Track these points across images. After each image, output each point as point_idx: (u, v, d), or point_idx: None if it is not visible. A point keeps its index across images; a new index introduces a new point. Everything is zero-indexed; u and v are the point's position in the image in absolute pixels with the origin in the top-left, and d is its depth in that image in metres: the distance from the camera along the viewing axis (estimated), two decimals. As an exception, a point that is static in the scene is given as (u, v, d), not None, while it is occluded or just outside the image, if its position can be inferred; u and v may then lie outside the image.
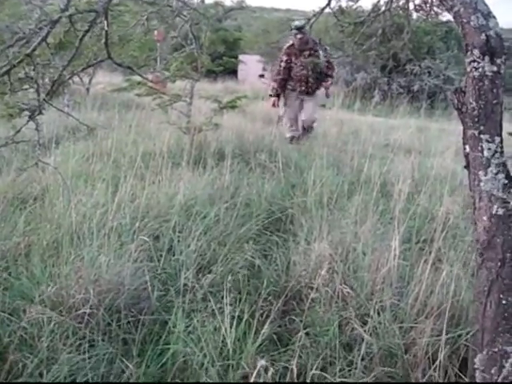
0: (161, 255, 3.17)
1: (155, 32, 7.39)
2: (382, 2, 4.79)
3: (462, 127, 2.41)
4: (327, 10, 4.04)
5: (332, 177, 4.90)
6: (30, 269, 2.87)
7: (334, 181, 4.82)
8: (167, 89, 11.75)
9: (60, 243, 3.06)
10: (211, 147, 5.55)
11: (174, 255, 3.19)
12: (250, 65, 17.70)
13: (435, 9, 3.94)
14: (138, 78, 5.76)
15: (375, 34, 4.87)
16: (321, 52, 7.39)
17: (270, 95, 7.72)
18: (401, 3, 4.40)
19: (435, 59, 15.05)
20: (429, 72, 15.15)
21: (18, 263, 2.92)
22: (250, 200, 4.19)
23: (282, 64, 7.43)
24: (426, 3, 3.69)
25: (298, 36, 7.21)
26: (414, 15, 4.65)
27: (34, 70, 2.17)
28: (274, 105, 7.68)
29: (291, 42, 7.44)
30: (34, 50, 2.11)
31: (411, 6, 4.50)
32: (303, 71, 7.40)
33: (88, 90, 9.75)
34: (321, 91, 7.78)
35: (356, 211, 3.83)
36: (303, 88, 7.48)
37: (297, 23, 7.14)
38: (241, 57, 16.40)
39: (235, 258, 3.21)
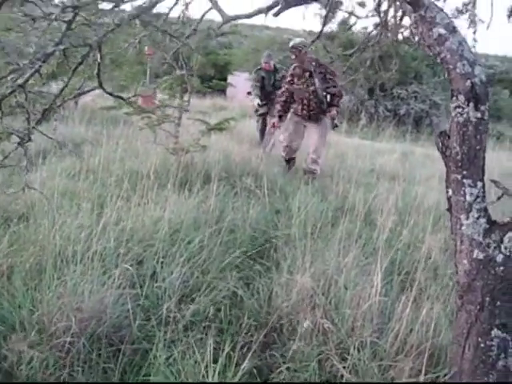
0: (144, 281, 3.18)
1: (145, 47, 7.47)
2: (372, 32, 4.88)
3: None
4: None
5: (317, 203, 4.92)
6: (11, 291, 2.86)
7: (318, 207, 4.84)
8: (154, 104, 11.79)
9: (43, 266, 3.06)
10: (197, 169, 5.57)
11: (156, 281, 3.19)
12: (239, 82, 17.78)
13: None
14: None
15: (364, 62, 4.95)
16: (316, 80, 6.85)
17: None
18: (390, 35, 4.49)
19: (422, 84, 15.25)
20: (415, 97, 15.35)
21: (0, 285, 2.90)
22: (235, 226, 4.21)
23: (285, 85, 7.22)
24: (414, 35, 3.69)
25: (292, 56, 6.97)
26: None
27: (26, 99, 2.18)
28: (273, 126, 7.45)
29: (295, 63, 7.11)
30: (26, 81, 2.12)
31: (400, 36, 4.59)
32: (304, 93, 6.95)
33: (76, 103, 9.72)
34: (328, 120, 7.12)
35: (340, 241, 3.86)
36: (304, 112, 7.04)
37: (291, 42, 6.94)
38: (230, 78, 16.47)
39: (218, 287, 3.21)
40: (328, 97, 6.91)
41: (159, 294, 3.07)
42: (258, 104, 8.86)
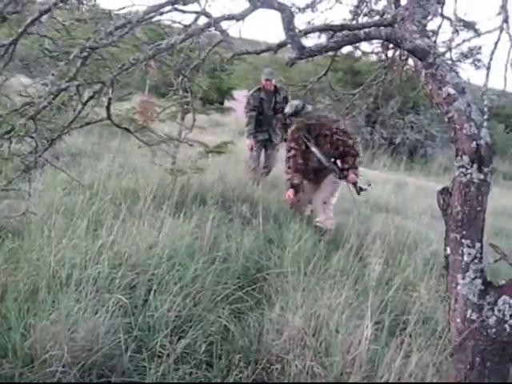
0: (136, 307, 3.18)
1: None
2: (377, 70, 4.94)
3: (438, 187, 2.52)
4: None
5: (310, 235, 4.94)
6: (3, 312, 2.85)
7: (311, 239, 4.86)
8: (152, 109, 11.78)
9: (37, 287, 3.05)
10: (193, 190, 5.58)
11: (149, 308, 3.19)
12: (238, 97, 17.85)
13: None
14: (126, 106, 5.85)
15: (367, 98, 5.01)
16: (314, 149, 5.82)
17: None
18: (394, 74, 4.55)
19: (419, 115, 15.41)
20: (411, 126, 15.50)
21: (-8, 305, 2.90)
22: (228, 254, 4.22)
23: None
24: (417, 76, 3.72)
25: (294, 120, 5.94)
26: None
27: (35, 131, 2.19)
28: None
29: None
30: (37, 113, 2.14)
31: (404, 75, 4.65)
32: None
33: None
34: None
35: (332, 277, 3.89)
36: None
37: (288, 108, 5.91)
38: (227, 103, 16.46)
39: (209, 320, 3.22)
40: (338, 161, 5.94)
41: (151, 323, 3.07)
42: (252, 146, 7.70)
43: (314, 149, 5.80)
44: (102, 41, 1.98)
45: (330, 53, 4.26)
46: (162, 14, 2.33)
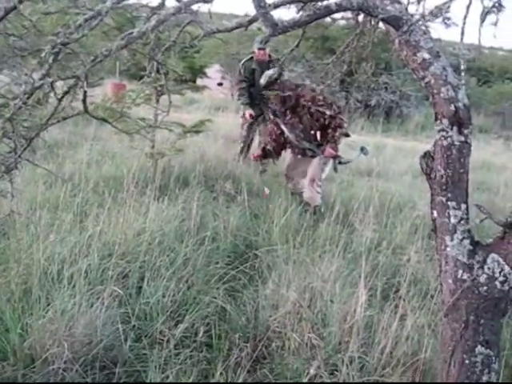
0: (130, 296, 3.20)
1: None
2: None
3: (416, 146, 2.54)
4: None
5: (295, 206, 4.95)
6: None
7: (296, 211, 4.89)
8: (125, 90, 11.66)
9: (29, 286, 3.04)
10: (175, 172, 5.56)
11: (144, 296, 3.20)
12: (210, 73, 17.73)
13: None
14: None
15: (341, 66, 5.00)
16: (283, 127, 5.66)
17: None
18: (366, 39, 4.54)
19: (392, 75, 15.41)
20: (385, 88, 15.51)
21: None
22: (216, 233, 4.23)
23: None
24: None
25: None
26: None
27: (13, 131, 2.17)
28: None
29: None
30: (13, 114, 2.11)
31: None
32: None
33: (47, 101, 9.55)
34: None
35: (321, 247, 3.93)
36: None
37: (263, 79, 5.59)
38: (199, 81, 16.21)
39: (205, 301, 3.24)
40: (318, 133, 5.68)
41: (147, 311, 3.09)
42: (251, 115, 7.11)
43: (283, 127, 5.65)
44: (72, 35, 1.95)
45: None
46: None
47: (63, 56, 2.22)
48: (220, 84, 18.03)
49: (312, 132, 5.63)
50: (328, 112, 5.38)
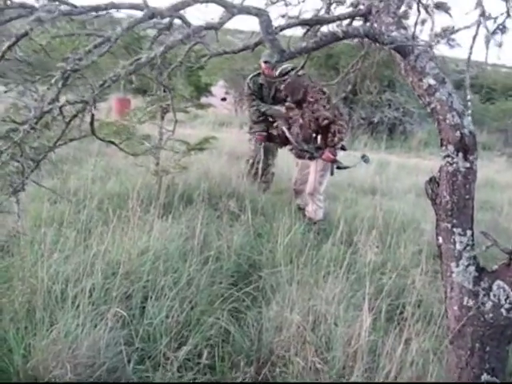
0: (134, 316, 3.19)
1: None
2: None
3: (419, 163, 2.54)
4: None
5: (298, 225, 4.95)
6: (0, 333, 2.84)
7: (300, 230, 4.88)
8: (129, 108, 11.72)
9: (32, 306, 3.04)
10: (179, 190, 5.57)
11: (147, 316, 3.20)
12: (214, 89, 17.79)
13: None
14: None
15: (345, 86, 5.01)
16: (285, 129, 5.82)
17: None
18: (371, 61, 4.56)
19: (395, 92, 15.48)
20: (389, 104, 15.58)
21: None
22: (220, 252, 4.23)
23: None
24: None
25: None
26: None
27: (21, 155, 2.18)
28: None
29: None
30: (22, 138, 2.12)
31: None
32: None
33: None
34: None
35: (325, 267, 3.92)
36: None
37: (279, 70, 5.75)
38: (203, 100, 16.27)
39: (208, 322, 3.23)
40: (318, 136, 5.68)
41: (151, 331, 3.08)
42: (261, 136, 6.73)
43: (284, 128, 5.78)
44: (81, 62, 1.96)
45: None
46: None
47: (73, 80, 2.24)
48: (224, 99, 18.10)
49: (313, 135, 5.68)
50: (327, 114, 5.40)
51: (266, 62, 6.54)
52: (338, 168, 5.83)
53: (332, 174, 5.84)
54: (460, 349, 2.39)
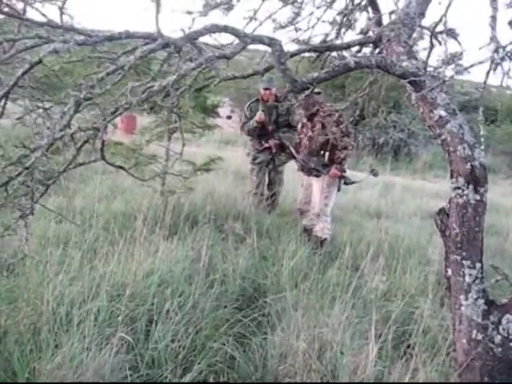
0: (138, 340, 3.17)
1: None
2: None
3: (424, 185, 2.53)
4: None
5: (304, 248, 4.94)
6: (5, 355, 2.83)
7: (306, 253, 4.87)
8: (135, 126, 11.74)
9: (37, 328, 3.03)
10: (185, 210, 5.57)
11: (152, 340, 3.18)
12: (221, 111, 17.87)
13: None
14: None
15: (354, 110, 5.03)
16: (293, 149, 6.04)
17: None
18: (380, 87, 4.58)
19: (400, 113, 15.54)
20: (394, 126, 15.63)
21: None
22: (225, 275, 4.21)
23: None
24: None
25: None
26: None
27: (31, 180, 2.18)
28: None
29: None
30: (32, 163, 2.13)
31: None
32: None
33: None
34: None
35: (330, 292, 3.90)
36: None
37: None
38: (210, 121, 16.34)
39: (213, 348, 3.22)
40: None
41: (155, 356, 3.06)
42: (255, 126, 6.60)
43: (292, 149, 6.02)
44: (94, 90, 1.97)
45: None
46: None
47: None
48: (229, 117, 18.13)
49: (321, 152, 5.75)
50: (335, 129, 5.38)
51: (265, 89, 6.55)
52: (346, 184, 5.90)
53: (339, 190, 5.91)
54: (468, 382, 2.37)
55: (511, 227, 7.99)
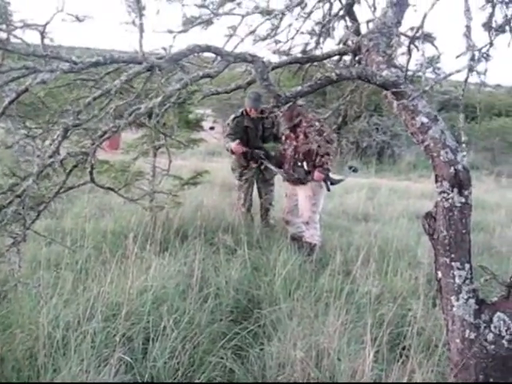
0: (136, 360, 3.19)
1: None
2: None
3: (409, 186, 2.57)
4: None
5: (295, 256, 4.98)
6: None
7: (297, 261, 4.90)
8: (119, 144, 11.73)
9: (35, 354, 3.03)
10: (174, 225, 5.60)
11: (149, 359, 3.19)
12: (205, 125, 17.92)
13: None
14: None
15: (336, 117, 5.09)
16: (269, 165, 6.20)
17: None
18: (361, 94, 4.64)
19: (382, 116, 15.67)
20: (377, 128, 15.76)
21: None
22: (218, 288, 4.23)
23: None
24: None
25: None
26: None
27: (23, 208, 2.20)
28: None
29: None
30: (24, 191, 2.15)
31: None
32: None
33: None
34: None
35: (324, 299, 3.94)
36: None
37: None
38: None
39: (211, 362, 3.24)
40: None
41: (154, 374, 3.08)
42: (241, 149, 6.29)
43: (268, 165, 6.17)
44: (83, 117, 2.00)
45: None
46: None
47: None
48: (212, 128, 18.20)
49: (305, 162, 5.80)
50: (318, 138, 5.45)
51: (252, 107, 6.22)
52: (332, 184, 5.93)
53: (329, 189, 5.95)
54: (464, 381, 2.41)
55: (497, 223, 8.08)
